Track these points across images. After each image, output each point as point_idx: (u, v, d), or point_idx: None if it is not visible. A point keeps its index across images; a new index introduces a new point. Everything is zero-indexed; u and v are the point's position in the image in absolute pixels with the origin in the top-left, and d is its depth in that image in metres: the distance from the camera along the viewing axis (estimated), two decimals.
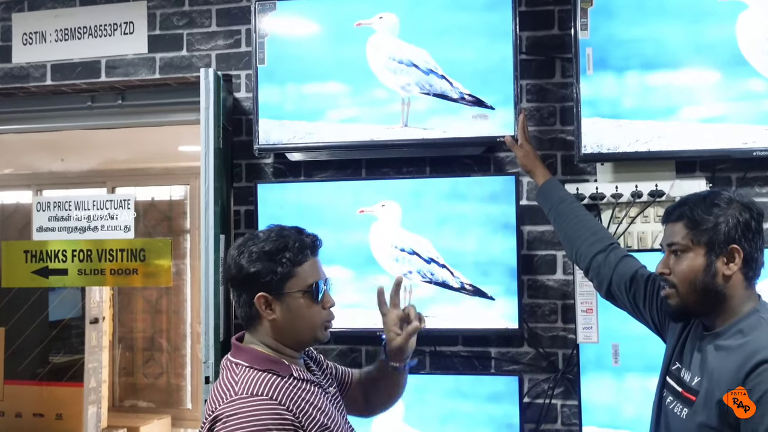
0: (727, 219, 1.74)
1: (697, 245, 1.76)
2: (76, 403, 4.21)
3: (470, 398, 2.61)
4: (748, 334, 1.70)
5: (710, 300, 1.76)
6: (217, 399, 1.73)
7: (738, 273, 1.74)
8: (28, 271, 3.19)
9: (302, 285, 1.80)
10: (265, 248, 1.78)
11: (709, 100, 2.49)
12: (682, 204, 1.81)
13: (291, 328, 1.81)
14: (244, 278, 1.78)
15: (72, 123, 3.29)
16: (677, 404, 1.80)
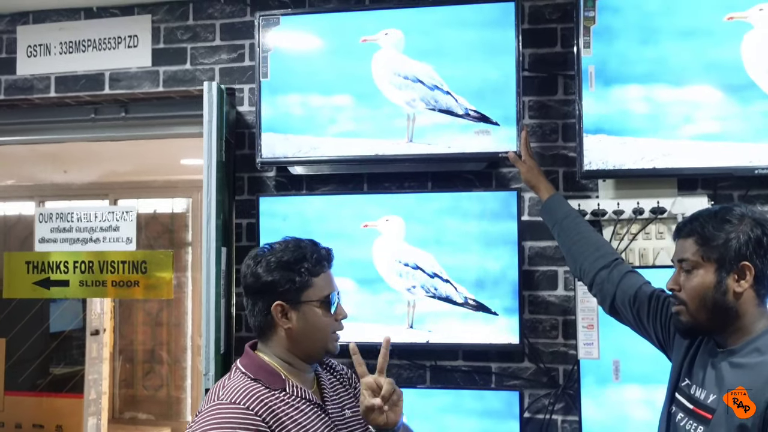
0: (738, 235, 1.69)
1: (707, 262, 1.72)
2: (76, 415, 4.17)
3: (470, 413, 2.58)
4: (765, 352, 1.65)
5: (721, 317, 1.72)
6: (207, 399, 1.75)
7: (749, 290, 1.70)
8: (30, 282, 3.16)
9: (318, 295, 1.80)
10: (284, 258, 1.78)
11: (713, 118, 2.47)
12: (694, 220, 1.77)
13: (305, 338, 1.80)
14: (261, 287, 1.78)
15: (75, 135, 3.27)
16: (689, 421, 1.75)
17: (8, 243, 4.98)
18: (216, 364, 2.64)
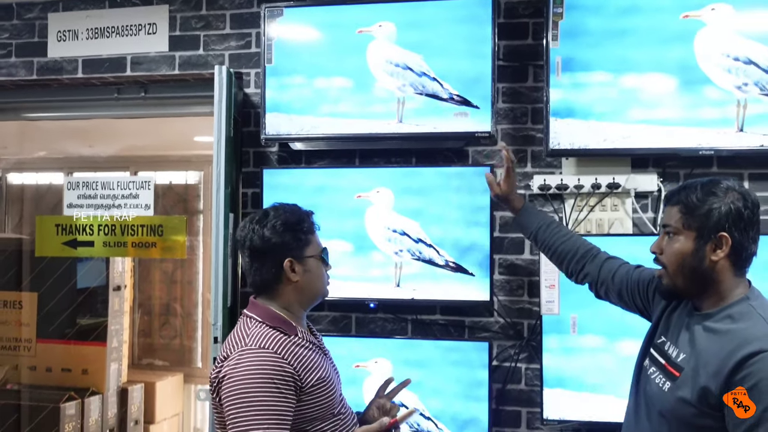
0: (720, 207, 1.62)
1: (688, 229, 1.66)
2: (99, 361, 4.21)
3: (446, 361, 2.62)
4: (737, 320, 1.61)
5: (697, 283, 1.67)
6: (231, 346, 1.79)
7: (725, 260, 1.64)
8: (59, 242, 3.18)
9: (317, 250, 1.91)
10: (289, 220, 1.86)
11: (666, 105, 2.49)
12: (682, 189, 1.71)
13: (309, 287, 1.90)
14: (270, 248, 1.84)
15: (100, 112, 3.28)
16: (659, 375, 1.73)
17: (41, 209, 4.99)
18: (223, 315, 2.69)
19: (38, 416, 3.94)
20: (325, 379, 1.82)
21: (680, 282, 1.70)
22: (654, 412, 1.72)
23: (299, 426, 1.76)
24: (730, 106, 2.45)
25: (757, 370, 1.52)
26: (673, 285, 1.72)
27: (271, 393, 1.69)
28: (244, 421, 1.67)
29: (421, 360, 2.64)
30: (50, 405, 3.95)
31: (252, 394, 1.68)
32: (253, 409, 1.67)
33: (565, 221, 2.65)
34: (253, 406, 1.68)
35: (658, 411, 1.70)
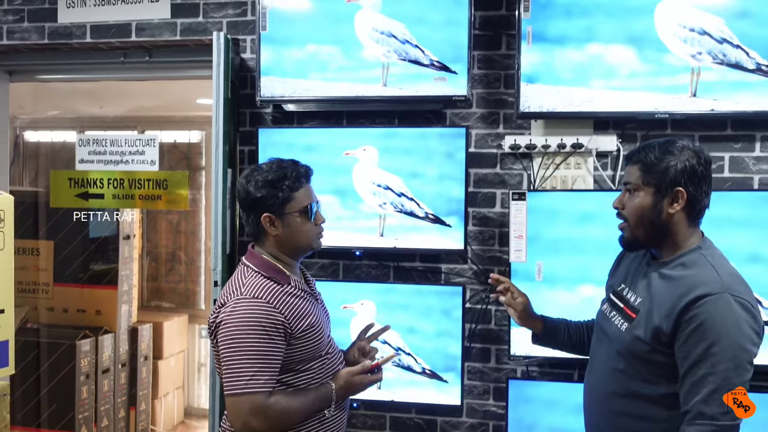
0: (677, 164, 1.64)
1: (647, 185, 1.67)
2: (111, 302, 4.20)
3: (425, 303, 2.64)
4: (689, 267, 1.63)
5: (656, 234, 1.69)
6: (229, 293, 1.78)
7: (681, 212, 1.66)
8: (72, 195, 3.15)
9: (299, 207, 1.82)
10: (268, 177, 1.80)
11: (627, 72, 2.47)
12: (641, 149, 1.72)
13: (290, 241, 1.85)
14: (251, 202, 1.81)
15: (107, 75, 3.21)
16: (618, 317, 1.75)
17: (55, 165, 4.91)
18: (222, 261, 2.67)
19: (56, 352, 3.95)
20: (314, 325, 1.81)
21: (641, 233, 1.71)
22: (613, 351, 1.74)
23: (289, 366, 1.77)
24: (685, 74, 2.43)
25: (702, 311, 1.55)
26: (634, 236, 1.73)
27: (262, 339, 1.69)
28: (236, 362, 1.68)
29: (402, 302, 2.65)
30: (67, 342, 3.94)
31: (244, 339, 1.68)
32: (244, 353, 1.68)
33: (533, 178, 2.63)
34: (244, 350, 1.68)
35: (617, 350, 1.73)
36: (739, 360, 1.53)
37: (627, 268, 1.84)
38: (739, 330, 1.54)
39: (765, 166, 2.50)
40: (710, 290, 1.56)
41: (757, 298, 2.31)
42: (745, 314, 1.56)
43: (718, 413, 1.52)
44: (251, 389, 1.67)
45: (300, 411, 1.76)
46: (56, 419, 3.92)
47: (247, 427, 1.69)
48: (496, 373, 2.70)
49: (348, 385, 1.85)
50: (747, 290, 1.62)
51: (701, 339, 1.54)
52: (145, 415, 4.45)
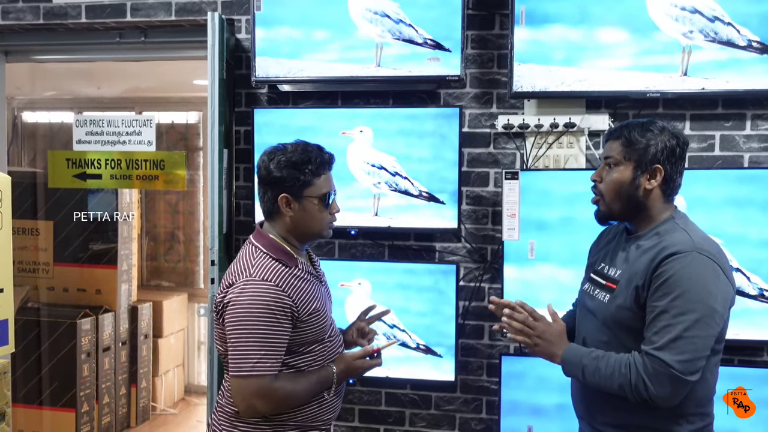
0: (657, 143, 1.70)
1: (627, 161, 1.72)
2: (111, 282, 4.23)
3: (419, 281, 2.67)
4: (663, 235, 1.69)
5: (631, 207, 1.74)
6: (237, 273, 1.77)
7: (657, 188, 1.72)
8: (70, 175, 3.16)
9: (317, 193, 1.82)
10: (292, 159, 1.79)
11: (619, 52, 2.48)
12: (623, 127, 1.77)
13: (303, 225, 1.84)
14: (271, 180, 1.80)
15: (103, 55, 3.20)
16: (600, 292, 1.79)
17: (53, 146, 4.93)
18: (219, 241, 2.69)
19: (57, 331, 3.99)
20: (320, 309, 1.83)
21: (616, 207, 1.76)
22: (598, 324, 1.78)
23: (293, 349, 1.79)
24: (676, 53, 2.44)
25: (670, 267, 1.60)
26: (609, 210, 1.78)
27: (270, 322, 1.70)
28: (244, 345, 1.69)
29: (399, 280, 2.68)
30: (68, 321, 3.98)
31: (252, 321, 1.69)
32: (252, 335, 1.69)
33: (525, 157, 2.65)
34: (253, 333, 1.69)
35: (601, 322, 1.76)
36: (702, 314, 1.57)
37: (605, 247, 1.89)
38: (704, 286, 1.58)
39: (755, 144, 2.52)
40: (680, 249, 1.61)
41: (746, 274, 2.37)
42: (712, 273, 1.60)
43: (673, 360, 1.56)
44: (258, 372, 1.69)
45: (303, 394, 1.79)
46: (58, 397, 3.98)
47: (252, 408, 1.72)
48: (489, 349, 2.74)
49: (348, 369, 1.89)
50: (718, 252, 1.66)
51: (667, 292, 1.59)
52: (146, 392, 4.51)
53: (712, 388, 1.71)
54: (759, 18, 2.39)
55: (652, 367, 1.58)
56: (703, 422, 1.69)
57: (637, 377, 1.60)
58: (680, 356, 1.55)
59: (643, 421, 1.68)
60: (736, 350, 2.45)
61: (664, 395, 1.58)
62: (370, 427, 2.85)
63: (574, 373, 1.76)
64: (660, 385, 1.57)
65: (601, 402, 1.76)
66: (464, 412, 2.77)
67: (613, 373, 1.64)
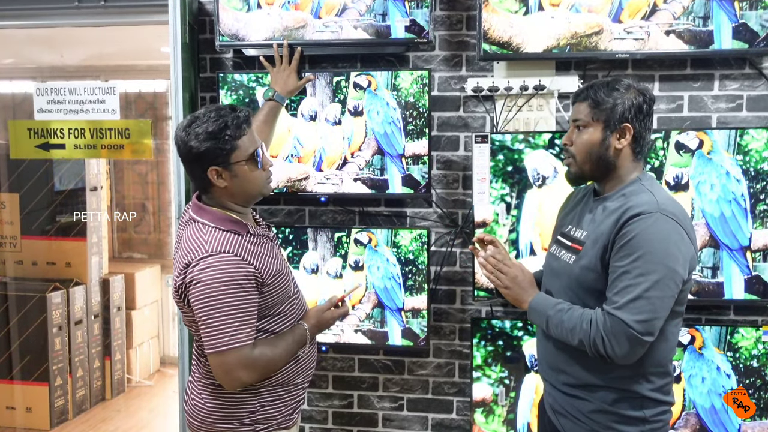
0: (624, 101, 1.70)
1: (596, 122, 1.72)
2: (81, 255, 4.18)
3: (391, 246, 2.65)
4: (629, 196, 1.69)
5: (602, 168, 1.74)
6: (190, 252, 1.71)
7: (627, 147, 1.72)
8: (32, 145, 3.08)
9: (244, 155, 1.76)
10: (209, 129, 1.70)
11: (588, 13, 2.44)
12: (589, 87, 1.76)
13: (240, 190, 1.79)
14: (194, 156, 1.72)
15: (62, 21, 3.06)
16: (566, 253, 1.80)
17: (17, 116, 4.80)
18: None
19: (27, 305, 3.94)
20: (281, 270, 1.82)
21: (587, 168, 1.76)
22: (563, 286, 1.79)
23: (264, 313, 1.78)
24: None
25: (633, 227, 1.60)
26: (581, 171, 1.78)
27: (237, 292, 1.67)
28: (216, 320, 1.66)
29: (370, 246, 2.66)
30: (37, 295, 3.94)
31: (219, 296, 1.65)
32: (222, 308, 1.66)
33: (495, 120, 2.63)
34: (222, 306, 1.66)
35: (566, 284, 1.77)
36: (662, 275, 1.57)
37: (573, 210, 1.89)
38: (666, 248, 1.59)
39: (723, 104, 2.52)
40: (644, 210, 1.62)
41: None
42: (675, 234, 1.60)
43: (631, 320, 1.57)
44: (236, 344, 1.66)
45: (284, 356, 1.80)
46: (30, 371, 3.94)
47: (238, 381, 1.71)
48: (461, 314, 2.75)
49: (319, 322, 1.91)
50: (682, 214, 1.66)
51: (629, 253, 1.60)
52: (121, 365, 4.49)
53: (672, 349, 1.73)
54: None
55: (611, 326, 1.59)
56: (663, 380, 1.71)
57: (596, 334, 1.62)
58: (638, 316, 1.57)
59: (603, 380, 1.70)
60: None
61: (621, 353, 1.60)
62: (344, 393, 2.86)
63: (539, 321, 1.78)
64: (618, 343, 1.59)
65: (561, 362, 1.78)
66: (437, 377, 2.79)
67: (575, 327, 1.66)
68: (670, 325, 1.67)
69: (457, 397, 2.78)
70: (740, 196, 2.40)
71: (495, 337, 2.59)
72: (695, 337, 2.46)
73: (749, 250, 2.42)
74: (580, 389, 1.74)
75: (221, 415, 1.82)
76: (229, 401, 1.81)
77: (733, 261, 2.43)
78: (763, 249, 2.41)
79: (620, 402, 1.69)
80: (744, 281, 2.43)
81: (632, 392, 1.69)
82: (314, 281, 2.68)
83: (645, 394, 1.69)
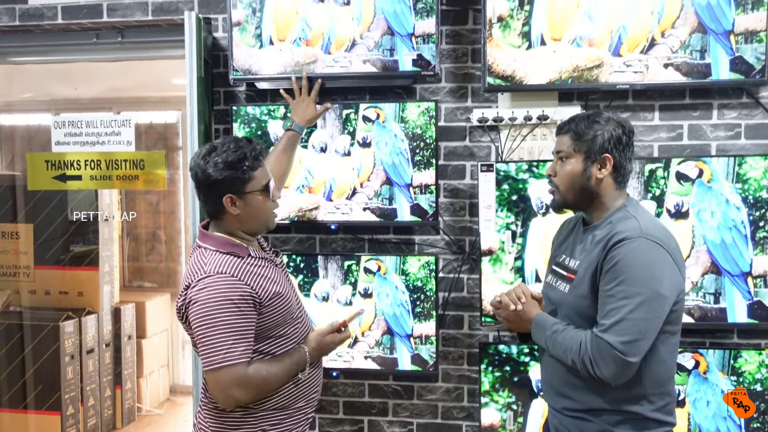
0: (603, 133, 1.79)
1: (578, 153, 1.81)
2: (93, 283, 4.26)
3: (400, 274, 2.73)
4: (615, 223, 1.77)
5: (585, 197, 1.83)
6: (192, 275, 1.81)
7: (608, 177, 1.81)
8: (49, 177, 3.19)
9: (259, 186, 1.86)
10: (228, 159, 1.81)
11: (588, 46, 2.55)
12: (571, 121, 1.86)
13: (251, 219, 1.89)
14: (212, 183, 1.82)
15: (80, 56, 3.22)
16: (561, 283, 1.88)
17: (32, 148, 4.94)
18: None
19: (40, 334, 4.02)
20: (280, 292, 1.87)
21: (570, 197, 1.86)
22: (562, 315, 1.87)
23: (264, 334, 1.84)
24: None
25: (618, 252, 1.69)
26: (565, 200, 1.88)
27: (232, 311, 1.74)
28: (211, 338, 1.73)
29: (380, 273, 2.74)
30: (51, 324, 4.01)
31: (215, 314, 1.73)
32: (217, 327, 1.73)
33: (500, 149, 2.73)
34: (218, 325, 1.73)
35: (564, 313, 1.85)
36: (646, 298, 1.65)
37: (566, 240, 1.98)
38: (650, 271, 1.67)
39: (722, 132, 2.62)
40: (628, 235, 1.71)
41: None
42: (659, 258, 1.69)
43: (616, 341, 1.65)
44: (230, 362, 1.73)
45: (279, 377, 1.84)
46: (43, 400, 4.01)
47: (232, 398, 1.77)
48: (469, 339, 2.82)
49: (320, 345, 1.95)
50: (667, 238, 1.75)
51: (614, 277, 1.69)
52: (131, 394, 4.55)
53: (671, 369, 1.80)
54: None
55: (597, 348, 1.68)
56: (663, 401, 1.78)
57: (585, 354, 1.70)
58: (623, 338, 1.65)
59: (606, 404, 1.77)
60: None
61: (609, 374, 1.68)
62: (354, 418, 2.92)
63: (540, 337, 1.86)
64: (605, 364, 1.67)
65: (564, 386, 1.85)
66: (446, 401, 2.85)
67: (568, 348, 1.75)
68: (667, 345, 1.75)
69: (466, 421, 2.84)
70: (740, 223, 2.49)
71: (502, 363, 2.66)
72: (699, 362, 2.53)
73: (750, 276, 2.49)
74: (583, 413, 1.81)
75: None
76: (231, 424, 1.86)
77: (735, 287, 2.50)
78: (764, 275, 2.49)
79: (623, 423, 1.76)
80: (746, 306, 2.50)
81: (634, 414, 1.75)
82: (325, 309, 2.76)
83: (647, 415, 1.76)
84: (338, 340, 1.98)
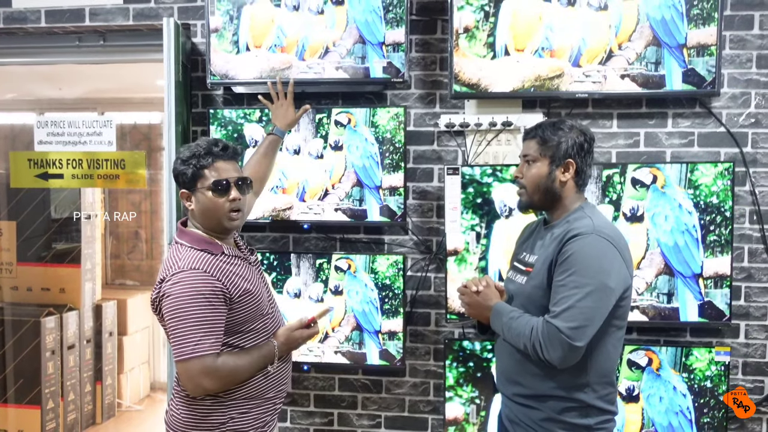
0: (567, 139, 1.92)
1: (543, 157, 1.94)
2: (75, 280, 4.34)
3: (368, 272, 2.84)
4: (571, 222, 1.90)
5: (549, 198, 1.96)
6: (167, 269, 1.90)
7: (571, 180, 1.94)
8: (32, 175, 3.27)
9: (207, 183, 1.94)
10: (182, 156, 1.95)
11: (550, 56, 2.68)
12: (537, 127, 1.98)
13: (204, 216, 1.97)
14: (174, 178, 1.97)
15: (63, 58, 3.29)
16: (519, 276, 2.01)
17: (15, 147, 5.00)
18: None
19: (21, 329, 4.09)
20: (251, 289, 1.96)
21: (536, 198, 1.98)
22: (518, 304, 1.99)
23: (234, 328, 1.93)
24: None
25: (571, 247, 1.83)
26: (531, 200, 2.00)
27: (202, 305, 1.83)
28: (182, 330, 1.82)
29: (348, 271, 2.86)
30: (32, 319, 4.09)
31: (186, 307, 1.82)
32: (188, 319, 1.82)
33: (466, 154, 2.85)
34: (188, 317, 1.82)
35: (520, 303, 1.97)
36: (594, 288, 1.78)
37: (527, 239, 2.12)
38: (599, 264, 1.80)
39: (676, 140, 2.75)
40: (581, 231, 1.84)
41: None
42: (609, 253, 1.82)
43: (564, 327, 1.78)
44: (199, 353, 1.82)
45: (246, 368, 1.94)
46: (23, 394, 4.08)
47: (200, 387, 1.86)
48: (435, 335, 2.94)
49: (288, 341, 2.04)
50: (618, 237, 1.88)
51: (566, 269, 1.82)
52: (111, 389, 4.63)
53: (615, 361, 1.93)
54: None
55: (547, 332, 1.80)
56: (606, 390, 1.90)
57: (535, 339, 1.82)
58: (571, 323, 1.77)
59: (552, 390, 1.89)
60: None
61: (556, 357, 1.80)
62: (325, 411, 3.03)
63: (498, 324, 1.97)
64: (553, 348, 1.80)
65: (515, 373, 1.97)
66: (413, 395, 2.97)
67: (521, 333, 1.87)
68: (613, 338, 1.88)
69: (432, 415, 2.96)
70: (692, 227, 2.62)
71: (466, 359, 2.77)
72: (652, 359, 2.66)
73: (701, 278, 2.63)
74: (532, 399, 1.93)
75: (194, 425, 1.96)
76: (201, 411, 1.95)
77: (687, 287, 2.64)
78: (714, 276, 2.62)
79: (568, 411, 1.89)
80: (698, 306, 2.64)
81: (579, 401, 1.88)
82: (297, 305, 2.87)
83: (590, 403, 1.88)
84: (306, 335, 2.06)
